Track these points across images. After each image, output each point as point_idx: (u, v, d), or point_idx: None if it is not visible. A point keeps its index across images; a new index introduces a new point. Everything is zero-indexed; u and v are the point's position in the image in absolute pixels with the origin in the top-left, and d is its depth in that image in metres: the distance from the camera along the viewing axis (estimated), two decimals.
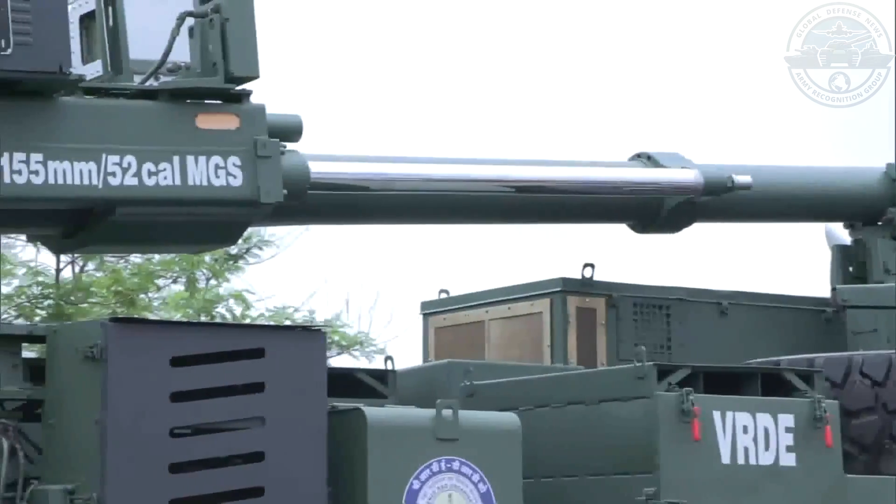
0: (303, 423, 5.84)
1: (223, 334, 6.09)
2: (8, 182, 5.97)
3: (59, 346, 5.73)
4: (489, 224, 8.24)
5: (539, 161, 7.54)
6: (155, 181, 6.23)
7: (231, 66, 6.32)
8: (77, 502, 5.51)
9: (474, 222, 8.00)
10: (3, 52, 5.82)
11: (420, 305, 8.60)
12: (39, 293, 11.07)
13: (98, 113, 6.20)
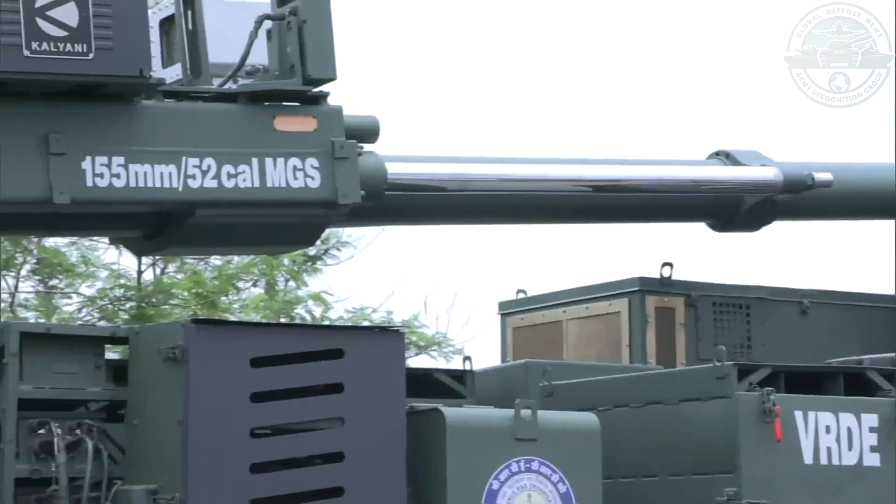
0: (382, 424, 5.86)
1: (302, 335, 6.13)
2: (90, 185, 6.01)
3: (142, 347, 5.78)
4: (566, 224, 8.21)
5: (617, 160, 7.51)
6: (234, 183, 6.26)
7: (308, 68, 6.34)
8: (160, 502, 5.56)
9: (551, 222, 7.99)
10: (86, 57, 5.87)
11: (498, 305, 8.60)
12: (121, 295, 11.15)
13: (178, 116, 6.24)
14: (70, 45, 5.83)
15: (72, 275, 11.19)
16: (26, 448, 5.59)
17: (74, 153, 5.98)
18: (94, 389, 5.77)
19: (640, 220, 7.92)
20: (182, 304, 11.00)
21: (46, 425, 5.61)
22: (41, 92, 5.94)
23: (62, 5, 5.82)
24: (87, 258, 11.14)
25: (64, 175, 5.94)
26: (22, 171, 5.92)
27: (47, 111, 5.96)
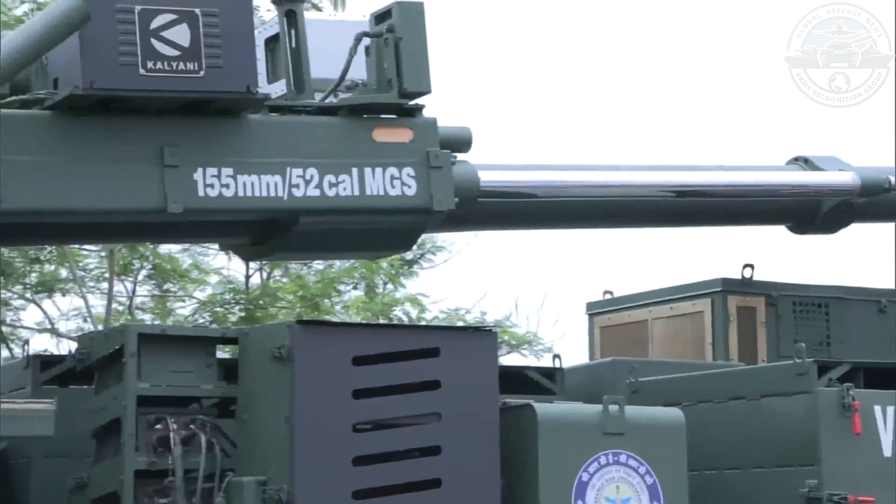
0: (476, 419, 5.87)
1: (401, 335, 6.16)
2: (202, 195, 6.07)
3: (250, 347, 5.83)
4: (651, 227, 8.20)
5: (699, 166, 7.48)
6: (335, 192, 6.29)
7: (405, 82, 6.36)
8: (269, 493, 5.59)
9: (637, 226, 7.96)
10: (197, 75, 5.93)
11: (586, 306, 8.60)
12: (231, 299, 11.22)
13: (282, 129, 6.29)
14: (182, 63, 5.89)
15: (185, 280, 11.28)
16: (145, 442, 5.65)
17: (187, 165, 6.04)
18: (207, 387, 5.82)
19: (722, 223, 7.89)
20: (287, 306, 11.06)
21: (163, 421, 5.67)
22: (156, 108, 6.01)
23: (175, 26, 5.89)
24: (199, 264, 11.23)
25: (177, 186, 6.01)
26: (139, 182, 5.99)
27: (162, 126, 6.03)
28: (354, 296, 11.73)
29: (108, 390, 5.81)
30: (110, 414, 5.75)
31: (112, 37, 5.81)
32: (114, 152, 5.98)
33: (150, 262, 11.14)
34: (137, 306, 11.39)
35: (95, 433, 5.82)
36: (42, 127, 5.94)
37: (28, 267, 10.79)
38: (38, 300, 11.13)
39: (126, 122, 5.99)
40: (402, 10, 6.35)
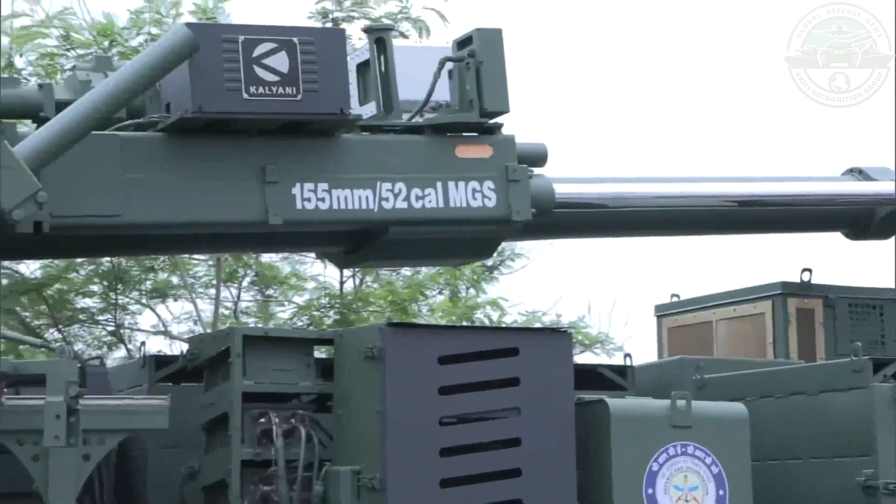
0: (553, 413, 5.87)
1: (483, 336, 6.18)
2: (300, 208, 6.12)
3: (345, 347, 5.86)
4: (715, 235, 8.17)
5: (758, 177, 7.46)
6: (421, 204, 6.32)
7: (485, 102, 6.37)
8: (363, 481, 5.62)
9: (701, 234, 7.94)
10: (295, 98, 5.99)
11: (654, 308, 8.58)
12: (327, 304, 11.26)
13: (373, 147, 6.33)
14: (282, 88, 5.95)
15: (284, 286, 11.35)
16: (250, 435, 5.71)
17: (286, 181, 6.10)
18: (306, 384, 5.87)
19: (781, 230, 7.86)
20: (378, 310, 11.09)
21: (266, 415, 5.72)
22: (258, 129, 6.06)
23: (275, 54, 5.95)
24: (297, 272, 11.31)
25: (277, 200, 6.07)
26: (242, 197, 6.06)
27: (263, 146, 6.09)
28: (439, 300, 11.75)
29: (217, 387, 5.88)
30: (219, 409, 5.81)
31: (218, 65, 5.87)
32: (220, 170, 6.05)
33: (254, 270, 11.21)
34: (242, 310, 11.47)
35: (205, 426, 5.89)
36: (156, 147, 6.02)
37: (144, 275, 10.90)
38: (152, 305, 11.24)
39: (231, 142, 6.06)
40: (482, 36, 6.38)
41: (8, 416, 5.23)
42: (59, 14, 10.56)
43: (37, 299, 10.63)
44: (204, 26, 6.53)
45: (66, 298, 10.77)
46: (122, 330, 11.17)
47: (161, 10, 10.61)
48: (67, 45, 10.38)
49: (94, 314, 11.07)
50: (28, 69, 10.19)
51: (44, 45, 10.43)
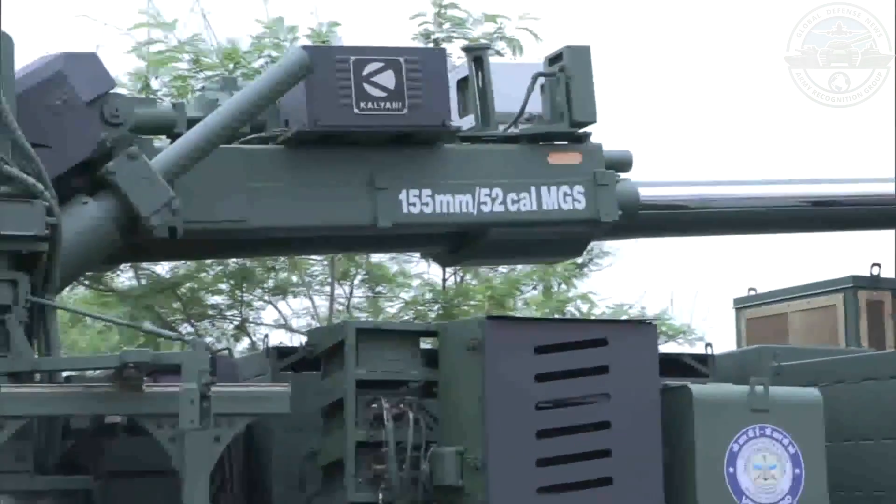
0: (640, 398, 5.82)
1: (575, 328, 6.14)
2: (406, 212, 6.15)
3: (449, 339, 5.85)
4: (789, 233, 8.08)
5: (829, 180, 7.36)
6: (517, 207, 6.32)
7: (574, 114, 6.36)
8: (466, 461, 5.62)
9: (777, 232, 7.86)
10: (400, 112, 6.01)
11: (733, 301, 8.50)
12: (431, 299, 11.28)
13: (472, 156, 6.33)
14: (389, 103, 5.98)
15: (392, 283, 11.38)
16: (363, 418, 5.72)
17: (393, 187, 6.13)
18: (413, 372, 5.86)
19: (852, 228, 7.74)
20: (478, 304, 11.09)
21: (378, 401, 5.72)
22: (367, 140, 6.10)
23: (383, 72, 5.98)
24: (404, 270, 11.34)
25: (386, 205, 6.10)
26: (354, 202, 6.10)
27: (372, 155, 6.13)
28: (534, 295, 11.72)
29: (333, 376, 5.90)
30: (335, 395, 5.83)
31: (331, 83, 5.92)
32: (334, 178, 6.09)
33: (364, 269, 11.27)
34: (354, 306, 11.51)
35: (323, 411, 5.91)
36: (276, 159, 6.08)
37: (266, 274, 10.99)
38: (274, 301, 11.32)
39: (343, 152, 6.10)
40: (571, 52, 6.36)
41: (148, 402, 5.30)
42: (189, 40, 10.69)
43: (172, 297, 10.75)
44: (318, 48, 6.57)
45: (198, 296, 10.88)
46: (247, 324, 11.27)
47: (280, 35, 10.70)
48: (197, 68, 10.50)
49: (223, 310, 11.18)
50: (163, 90, 10.32)
51: (176, 68, 10.55)
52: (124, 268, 10.09)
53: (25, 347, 5.34)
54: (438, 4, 10.87)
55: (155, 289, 10.59)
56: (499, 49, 10.63)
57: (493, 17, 10.91)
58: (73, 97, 5.62)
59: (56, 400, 5.29)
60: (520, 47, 10.90)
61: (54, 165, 5.49)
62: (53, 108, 5.58)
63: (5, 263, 5.35)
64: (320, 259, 11.06)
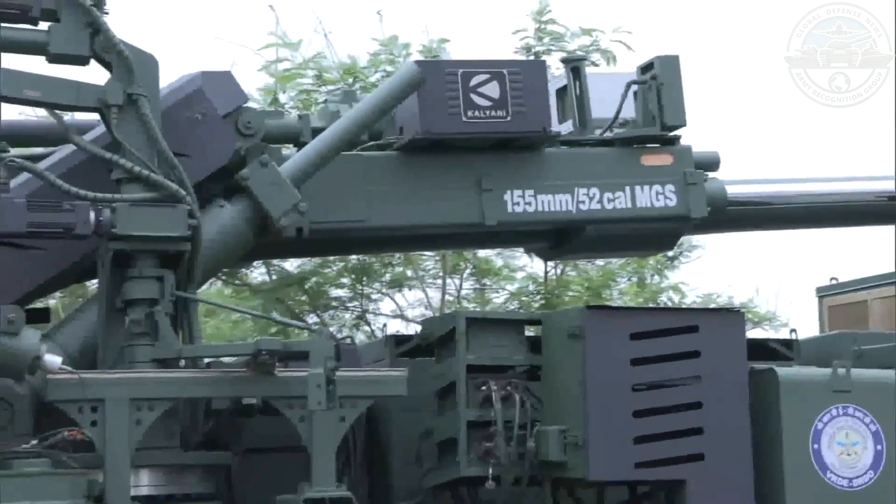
0: (730, 380, 5.75)
1: (668, 316, 6.08)
2: (510, 211, 6.14)
3: (551, 327, 5.83)
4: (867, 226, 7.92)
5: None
6: (613, 205, 6.27)
7: (665, 118, 6.31)
8: (569, 438, 5.60)
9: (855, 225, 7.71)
10: (504, 120, 6.00)
11: (815, 290, 8.36)
12: (533, 290, 11.27)
13: (571, 158, 6.30)
14: (494, 111, 5.97)
15: (498, 276, 11.39)
16: (473, 400, 5.72)
17: (498, 189, 6.12)
18: (518, 357, 5.85)
19: None
20: (577, 294, 11.05)
21: (487, 384, 5.72)
22: (474, 146, 6.10)
23: (488, 83, 5.98)
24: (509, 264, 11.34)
25: (492, 205, 6.10)
26: (462, 203, 6.10)
27: (479, 159, 6.12)
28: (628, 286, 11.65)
29: (445, 361, 5.91)
30: (447, 379, 5.84)
31: (441, 94, 5.92)
32: (444, 181, 6.10)
33: (472, 264, 11.28)
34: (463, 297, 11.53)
35: (437, 393, 5.92)
36: (392, 164, 6.10)
37: (383, 269, 11.04)
38: (391, 294, 11.39)
39: (452, 157, 6.10)
40: (662, 62, 6.31)
41: (280, 385, 5.36)
42: (313, 58, 10.80)
43: (299, 290, 10.86)
44: (429, 63, 6.60)
45: (322, 289, 10.97)
46: (367, 314, 11.35)
47: (394, 52, 10.76)
48: (320, 83, 10.59)
49: (344, 302, 11.26)
50: (289, 103, 10.42)
51: (301, 83, 10.66)
52: (257, 264, 10.21)
53: (171, 336, 5.42)
54: (538, 20, 10.85)
55: (284, 283, 10.70)
56: (594, 60, 10.57)
57: (589, 30, 10.87)
58: (210, 111, 5.69)
59: (198, 383, 5.37)
60: (613, 58, 10.85)
61: (195, 173, 5.57)
62: (193, 121, 5.66)
63: (153, 262, 5.44)
64: (432, 255, 11.09)
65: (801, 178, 7.04)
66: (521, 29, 10.84)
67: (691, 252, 11.85)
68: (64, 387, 5.12)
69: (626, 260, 11.25)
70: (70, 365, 5.18)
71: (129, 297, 5.43)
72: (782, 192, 6.85)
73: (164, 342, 5.39)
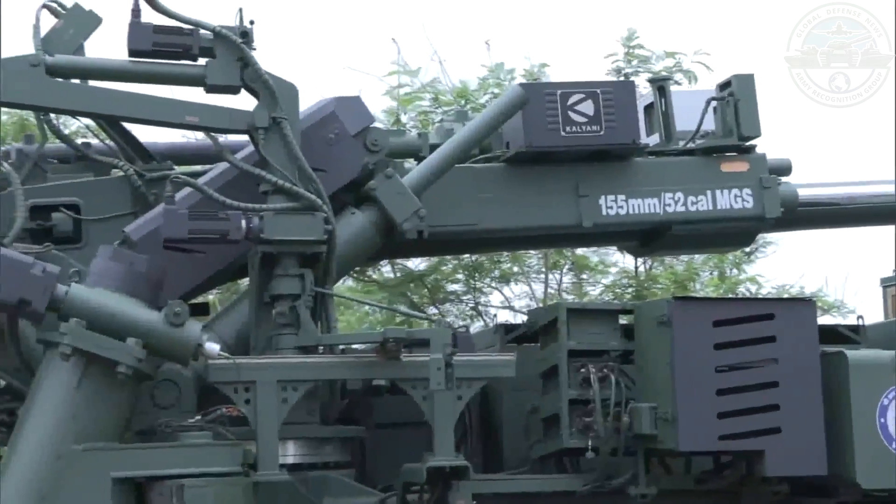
0: (803, 362, 5.62)
1: (746, 305, 5.96)
2: (604, 214, 6.10)
3: (642, 316, 5.77)
4: None
5: None
6: (696, 208, 6.20)
7: (742, 129, 6.22)
8: (659, 414, 5.54)
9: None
10: (599, 133, 5.97)
11: (880, 280, 8.14)
12: (626, 283, 11.19)
13: (658, 167, 6.23)
14: (589, 126, 5.94)
15: (594, 271, 11.31)
16: (574, 381, 5.68)
17: (594, 194, 6.08)
18: (613, 343, 5.79)
19: None
20: (664, 287, 10.93)
21: (586, 366, 5.67)
22: (572, 157, 6.07)
23: (584, 102, 5.95)
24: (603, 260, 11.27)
25: (588, 209, 6.06)
26: (562, 207, 6.07)
27: (576, 169, 6.08)
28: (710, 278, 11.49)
29: (549, 347, 5.87)
30: (550, 362, 5.81)
31: (542, 112, 5.91)
32: (546, 188, 6.08)
33: (571, 260, 11.22)
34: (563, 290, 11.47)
35: (541, 375, 5.89)
36: (499, 174, 6.10)
37: (493, 266, 11.06)
38: (500, 288, 11.38)
39: (553, 167, 6.07)
40: (738, 80, 6.23)
41: (405, 369, 5.38)
42: (430, 83, 10.86)
43: (420, 286, 10.91)
44: (531, 85, 6.57)
45: (440, 284, 11.00)
46: (479, 306, 11.35)
47: (500, 76, 10.77)
48: (436, 105, 10.64)
49: (459, 295, 11.28)
50: (410, 123, 10.49)
51: (420, 105, 10.71)
52: (383, 263, 10.29)
53: (311, 327, 5.48)
54: (627, 45, 10.77)
55: (407, 279, 10.76)
56: (677, 80, 10.45)
57: (672, 53, 10.76)
58: (342, 131, 5.75)
59: (335, 367, 5.42)
60: (694, 77, 10.72)
61: (330, 185, 5.63)
62: (328, 140, 5.72)
63: (295, 262, 5.51)
64: (535, 253, 11.05)
65: (865, 181, 6.88)
66: (612, 53, 10.77)
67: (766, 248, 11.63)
68: (222, 370, 5.21)
69: (707, 256, 11.09)
70: (226, 352, 5.27)
71: (275, 293, 5.50)
72: (848, 193, 6.71)
73: (305, 331, 5.45)
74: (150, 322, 5.04)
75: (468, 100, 10.53)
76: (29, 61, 5.20)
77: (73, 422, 4.92)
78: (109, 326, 4.98)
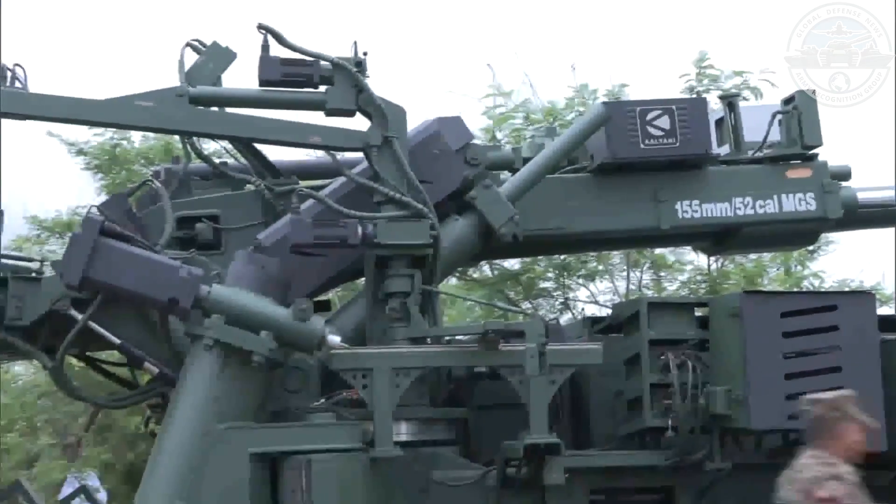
0: (864, 349, 5.48)
1: (811, 297, 5.83)
2: (681, 217, 6.01)
3: (716, 308, 5.68)
4: None
5: None
6: (764, 210, 6.08)
7: (805, 139, 6.08)
8: (733, 396, 5.44)
9: None
10: (674, 145, 5.89)
11: None
12: (700, 280, 11.02)
13: (729, 174, 6.12)
14: (665, 138, 5.86)
15: (671, 269, 11.17)
16: (654, 367, 5.61)
17: (671, 199, 6.00)
18: (690, 333, 5.70)
19: None
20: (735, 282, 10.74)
21: (665, 354, 5.60)
22: (651, 167, 5.99)
23: (661, 117, 5.88)
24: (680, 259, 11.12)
25: (666, 212, 5.99)
26: (642, 212, 6.01)
27: (655, 177, 6.01)
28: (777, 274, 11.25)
29: (631, 336, 5.81)
30: (633, 350, 5.75)
31: (623, 126, 5.85)
32: (627, 195, 6.01)
33: (650, 259, 11.09)
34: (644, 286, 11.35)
35: (625, 362, 5.84)
36: (585, 183, 6.06)
37: (580, 265, 11.00)
38: (587, 284, 11.31)
39: (634, 176, 6.00)
40: (801, 95, 6.10)
41: (503, 357, 5.38)
42: (522, 103, 10.87)
43: (515, 283, 10.90)
44: (613, 103, 6.51)
45: (533, 282, 10.98)
46: (569, 301, 11.29)
47: (585, 95, 10.72)
48: (528, 123, 10.63)
49: (550, 291, 11.24)
50: (504, 139, 10.49)
51: (513, 123, 10.72)
52: (482, 263, 10.30)
53: (419, 320, 5.52)
54: (699, 66, 10.62)
55: (504, 277, 10.76)
56: (745, 96, 10.26)
57: (740, 72, 10.58)
58: (445, 148, 5.78)
59: (441, 356, 5.45)
60: (760, 93, 10.52)
61: (435, 195, 5.66)
62: (433, 156, 5.75)
63: (405, 263, 5.55)
64: (618, 253, 10.95)
65: None
66: (685, 73, 10.64)
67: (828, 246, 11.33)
68: (342, 359, 5.28)
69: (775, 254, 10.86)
70: (346, 343, 5.33)
71: (388, 291, 5.56)
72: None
73: (415, 324, 5.50)
74: (280, 317, 5.13)
75: (556, 117, 10.49)
76: (175, 92, 5.35)
77: (216, 404, 5.04)
78: (245, 321, 5.09)
